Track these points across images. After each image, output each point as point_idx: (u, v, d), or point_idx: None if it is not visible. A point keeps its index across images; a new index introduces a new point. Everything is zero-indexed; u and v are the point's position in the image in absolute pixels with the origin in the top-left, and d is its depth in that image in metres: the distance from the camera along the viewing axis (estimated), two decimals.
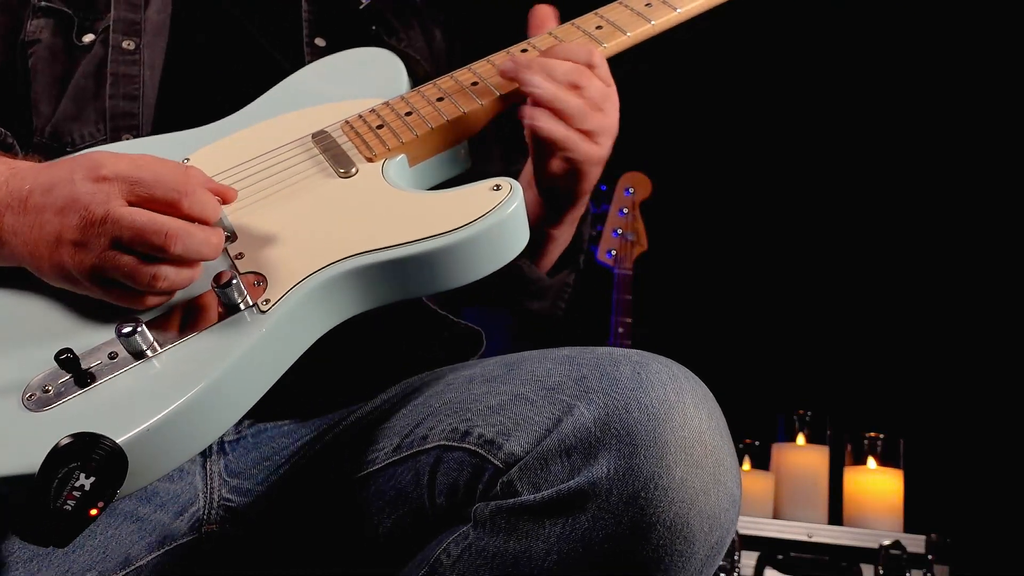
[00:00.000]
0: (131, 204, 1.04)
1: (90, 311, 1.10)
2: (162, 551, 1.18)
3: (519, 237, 1.15)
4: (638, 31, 1.40)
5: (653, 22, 1.40)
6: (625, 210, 3.29)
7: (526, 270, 1.47)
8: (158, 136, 1.34)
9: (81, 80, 1.40)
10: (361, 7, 1.59)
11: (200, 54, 1.46)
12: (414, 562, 1.12)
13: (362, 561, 1.21)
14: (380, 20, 1.60)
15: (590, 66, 1.28)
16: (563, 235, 1.48)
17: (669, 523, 0.96)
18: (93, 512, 0.91)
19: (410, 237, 1.10)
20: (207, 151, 1.29)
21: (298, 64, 1.45)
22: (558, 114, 1.26)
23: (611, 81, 1.32)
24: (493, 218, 1.11)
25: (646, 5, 1.42)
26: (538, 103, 1.26)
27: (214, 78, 1.45)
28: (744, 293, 3.48)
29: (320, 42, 1.52)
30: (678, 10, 1.41)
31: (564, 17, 1.43)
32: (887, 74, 3.37)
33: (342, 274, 1.10)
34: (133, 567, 1.16)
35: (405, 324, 1.40)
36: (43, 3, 1.43)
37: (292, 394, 1.13)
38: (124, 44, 1.42)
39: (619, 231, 3.25)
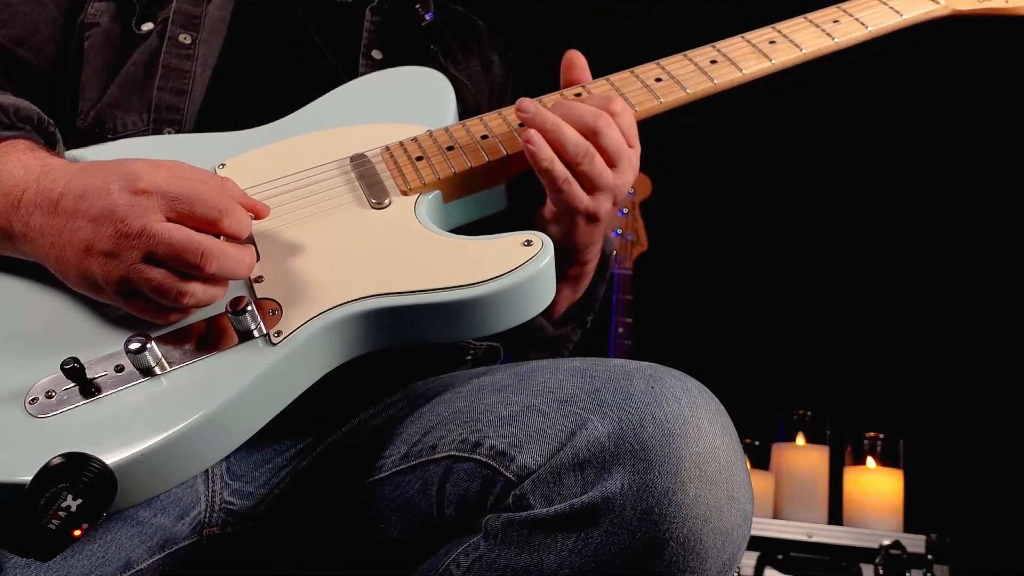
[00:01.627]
0: (169, 220, 1.03)
1: (101, 320, 1.09)
2: (163, 554, 1.17)
3: (545, 294, 1.13)
4: (698, 88, 1.32)
5: (716, 81, 1.33)
6: (625, 210, 3.27)
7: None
8: (198, 135, 1.33)
9: (132, 68, 1.38)
10: (424, 24, 1.56)
11: (254, 56, 1.44)
12: (421, 570, 1.12)
13: (366, 565, 1.20)
14: (440, 39, 1.58)
15: (611, 112, 1.23)
16: (563, 289, 1.43)
17: (682, 540, 0.96)
18: (77, 533, 0.90)
19: (433, 284, 1.08)
20: (242, 160, 1.27)
21: (351, 74, 1.43)
22: (556, 146, 1.21)
23: (636, 140, 1.26)
24: (521, 274, 1.09)
25: (711, 62, 1.34)
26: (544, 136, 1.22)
27: (265, 81, 1.43)
28: (744, 293, 3.48)
29: (377, 54, 1.49)
30: (743, 71, 1.35)
31: (614, 64, 1.35)
32: (886, 74, 3.36)
33: (360, 313, 1.08)
34: (133, 571, 1.14)
35: (426, 350, 1.38)
36: None
37: (298, 402, 1.11)
38: (181, 37, 1.40)
39: (619, 231, 3.24)
